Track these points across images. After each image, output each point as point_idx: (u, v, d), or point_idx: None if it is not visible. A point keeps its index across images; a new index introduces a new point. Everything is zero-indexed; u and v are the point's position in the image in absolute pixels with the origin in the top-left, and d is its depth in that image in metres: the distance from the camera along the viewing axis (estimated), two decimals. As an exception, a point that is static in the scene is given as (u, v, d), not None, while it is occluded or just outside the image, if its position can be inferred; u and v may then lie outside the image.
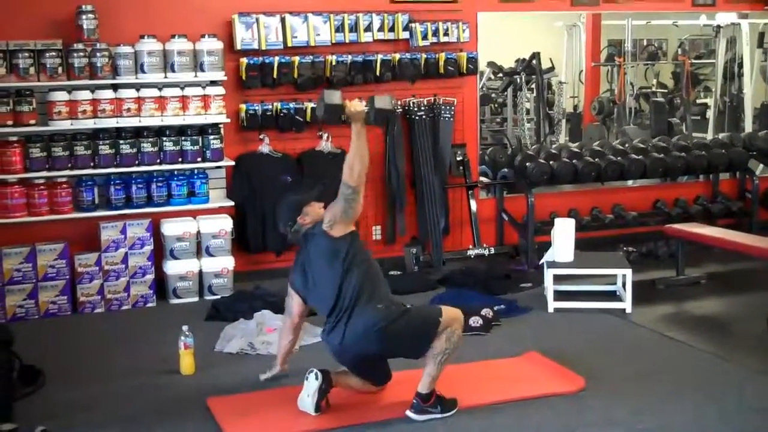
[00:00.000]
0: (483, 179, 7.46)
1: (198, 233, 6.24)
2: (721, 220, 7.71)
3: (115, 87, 6.01)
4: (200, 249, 6.26)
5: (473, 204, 7.18)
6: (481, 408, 4.22)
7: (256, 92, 6.46)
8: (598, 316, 5.71)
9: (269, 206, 6.05)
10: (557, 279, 5.93)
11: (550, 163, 7.23)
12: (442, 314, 4.08)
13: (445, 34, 6.88)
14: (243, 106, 6.41)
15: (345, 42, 6.61)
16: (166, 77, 6.10)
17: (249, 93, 6.46)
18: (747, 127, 8.77)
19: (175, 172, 6.25)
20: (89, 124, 5.94)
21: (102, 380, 4.70)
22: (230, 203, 6.41)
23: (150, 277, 6.12)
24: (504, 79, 9.00)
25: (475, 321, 5.37)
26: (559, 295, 5.92)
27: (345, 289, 4.05)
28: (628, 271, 5.89)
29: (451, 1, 7.01)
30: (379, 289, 4.13)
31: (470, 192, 7.20)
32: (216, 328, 5.44)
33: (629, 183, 7.88)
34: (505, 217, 7.35)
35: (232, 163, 6.39)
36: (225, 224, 6.30)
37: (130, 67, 5.99)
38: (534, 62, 8.47)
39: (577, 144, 7.94)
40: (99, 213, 6.09)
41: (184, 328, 4.77)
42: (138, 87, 6.06)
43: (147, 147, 6.07)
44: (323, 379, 4.09)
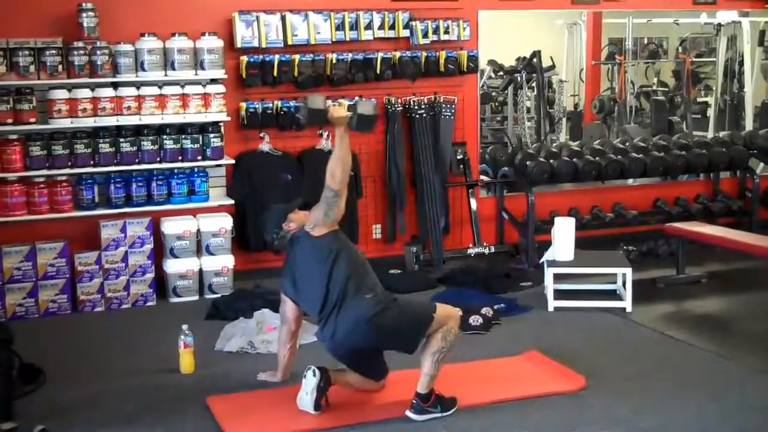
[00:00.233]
0: (483, 178, 7.45)
1: (198, 232, 6.23)
2: (722, 219, 7.70)
3: (116, 85, 6.01)
4: (200, 247, 6.25)
5: (473, 203, 7.18)
6: (482, 407, 4.21)
7: (256, 90, 6.45)
8: (599, 315, 5.71)
9: (269, 205, 6.03)
10: (557, 278, 5.92)
11: (551, 161, 7.22)
12: (437, 310, 4.10)
13: (446, 32, 6.88)
14: (243, 105, 6.41)
15: (345, 40, 6.60)
16: (166, 75, 6.09)
17: (249, 91, 6.45)
18: (748, 125, 8.75)
19: (176, 171, 6.24)
20: (89, 122, 5.94)
21: (102, 379, 4.70)
22: (230, 202, 6.40)
23: (150, 275, 6.12)
24: (504, 77, 9.01)
25: (475, 320, 5.36)
26: (560, 294, 5.91)
27: (332, 285, 4.09)
28: (628, 270, 5.89)
29: (452, -1, 7.02)
30: (367, 279, 4.16)
31: (470, 191, 7.19)
32: (216, 327, 5.43)
33: (630, 182, 7.87)
34: (506, 216, 7.35)
35: (233, 161, 6.39)
36: (225, 223, 6.30)
37: (130, 65, 5.98)
38: (534, 60, 8.47)
39: (578, 142, 7.92)
40: (99, 211, 6.08)
41: (184, 326, 4.77)
42: (138, 85, 6.06)
43: (147, 145, 6.07)
44: (321, 377, 4.10)
